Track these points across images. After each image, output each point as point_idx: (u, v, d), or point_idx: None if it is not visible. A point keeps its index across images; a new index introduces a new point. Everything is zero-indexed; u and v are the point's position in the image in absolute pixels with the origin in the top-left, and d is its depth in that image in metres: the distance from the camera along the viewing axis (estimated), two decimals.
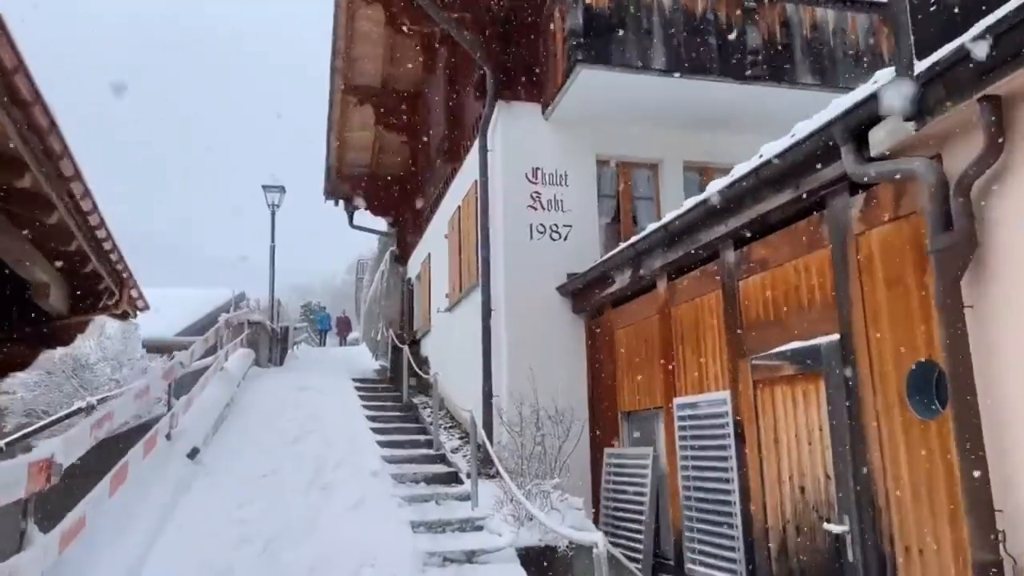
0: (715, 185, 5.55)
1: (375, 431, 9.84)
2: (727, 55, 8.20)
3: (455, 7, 9.12)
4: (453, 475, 8.36)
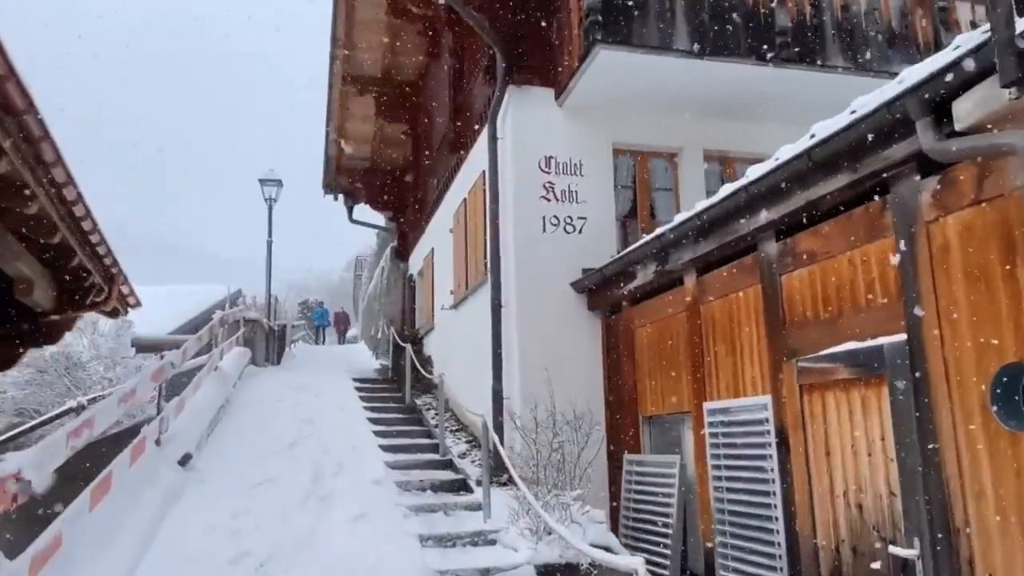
0: (757, 169, 5.06)
1: (377, 434, 9.36)
2: (754, 36, 7.70)
3: None
4: (462, 482, 7.87)
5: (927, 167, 3.95)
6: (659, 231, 6.39)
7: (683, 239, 6.11)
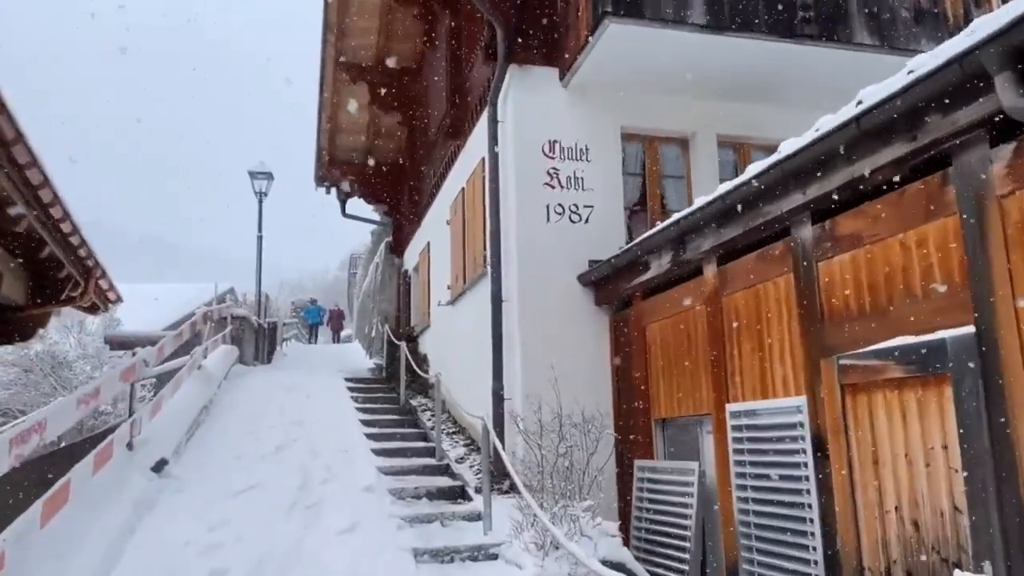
0: (791, 144, 4.52)
1: (370, 437, 8.81)
2: (774, 10, 7.16)
3: None
4: (459, 489, 7.32)
5: (997, 134, 3.42)
6: (677, 216, 5.84)
7: (704, 224, 5.57)
